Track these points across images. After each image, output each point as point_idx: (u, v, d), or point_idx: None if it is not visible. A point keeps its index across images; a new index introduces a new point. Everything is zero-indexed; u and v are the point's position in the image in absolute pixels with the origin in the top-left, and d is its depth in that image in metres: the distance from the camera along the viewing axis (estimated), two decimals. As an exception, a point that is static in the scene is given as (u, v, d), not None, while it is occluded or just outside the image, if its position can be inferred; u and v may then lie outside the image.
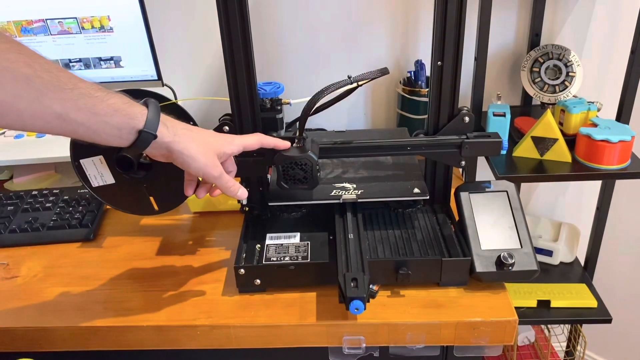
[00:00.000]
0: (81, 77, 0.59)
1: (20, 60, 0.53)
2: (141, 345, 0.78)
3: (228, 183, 0.71)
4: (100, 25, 1.05)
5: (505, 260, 0.76)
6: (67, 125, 0.58)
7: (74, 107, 0.57)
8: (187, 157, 0.66)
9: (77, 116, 0.58)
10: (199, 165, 0.67)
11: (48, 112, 0.56)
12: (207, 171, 0.68)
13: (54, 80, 0.56)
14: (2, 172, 1.19)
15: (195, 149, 0.66)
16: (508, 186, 0.86)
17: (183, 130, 0.67)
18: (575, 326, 1.39)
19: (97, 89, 0.60)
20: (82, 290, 0.84)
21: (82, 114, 0.58)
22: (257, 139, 0.76)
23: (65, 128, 0.58)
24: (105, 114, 0.59)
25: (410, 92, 1.17)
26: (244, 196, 0.74)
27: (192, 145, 0.66)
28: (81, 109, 0.58)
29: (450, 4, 0.75)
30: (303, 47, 1.21)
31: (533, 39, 1.17)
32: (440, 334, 0.75)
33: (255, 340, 0.77)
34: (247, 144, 0.74)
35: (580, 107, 1.02)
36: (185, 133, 0.67)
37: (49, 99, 0.55)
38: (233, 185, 0.72)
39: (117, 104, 0.61)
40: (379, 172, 0.91)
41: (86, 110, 0.58)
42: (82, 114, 0.58)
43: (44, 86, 0.55)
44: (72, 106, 0.57)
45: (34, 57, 0.55)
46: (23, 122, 0.56)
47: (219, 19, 0.75)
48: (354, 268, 0.74)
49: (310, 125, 0.97)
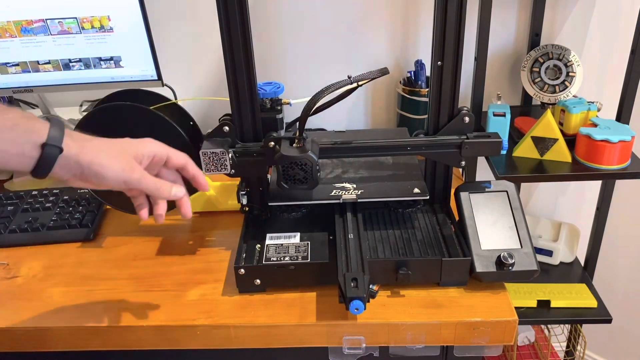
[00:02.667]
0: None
1: None
2: (141, 345, 0.78)
3: (155, 184, 0.65)
4: (100, 25, 1.05)
5: (505, 260, 0.76)
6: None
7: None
8: (99, 167, 0.60)
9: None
10: (114, 172, 0.61)
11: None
12: (125, 176, 0.62)
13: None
14: (2, 172, 1.19)
15: (105, 156, 0.61)
16: (508, 186, 0.86)
17: (90, 141, 0.61)
18: (575, 326, 1.39)
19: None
20: (82, 290, 0.84)
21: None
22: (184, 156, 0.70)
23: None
24: (2, 129, 0.54)
25: (410, 92, 1.17)
26: (179, 194, 0.68)
27: (101, 155, 0.60)
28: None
29: (450, 4, 0.75)
30: (303, 47, 1.21)
31: (533, 39, 1.17)
32: (440, 334, 0.75)
33: (255, 340, 0.77)
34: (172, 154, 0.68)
35: (580, 107, 1.02)
36: (92, 143, 0.61)
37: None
38: (161, 185, 0.66)
39: (16, 118, 0.55)
40: (379, 172, 0.91)
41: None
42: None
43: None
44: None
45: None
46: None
47: (219, 19, 0.75)
48: (354, 268, 0.74)
49: (310, 125, 0.97)
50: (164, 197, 0.67)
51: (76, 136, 0.60)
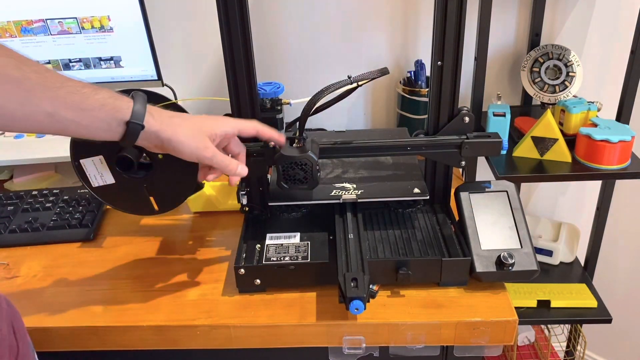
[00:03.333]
0: (69, 77, 0.61)
1: (9, 64, 0.56)
2: (141, 345, 0.78)
3: (224, 162, 0.71)
4: (100, 25, 1.05)
5: (505, 260, 0.76)
6: (58, 123, 0.60)
7: (63, 104, 0.59)
8: (177, 143, 0.66)
9: (66, 113, 0.59)
10: (189, 149, 0.67)
11: (39, 111, 0.58)
12: (199, 153, 0.68)
13: (41, 80, 0.57)
14: (2, 172, 1.19)
15: (183, 133, 0.67)
16: (508, 186, 0.86)
17: (170, 118, 0.68)
18: (575, 326, 1.39)
19: (84, 86, 0.61)
20: (82, 290, 0.84)
21: (71, 110, 0.59)
22: (253, 125, 0.75)
23: (56, 126, 0.60)
24: (92, 108, 0.61)
25: (410, 92, 1.17)
26: (243, 172, 0.74)
27: (180, 131, 0.67)
28: (70, 106, 0.59)
29: (450, 4, 0.75)
30: (303, 47, 1.21)
31: (533, 39, 1.17)
32: (440, 334, 0.75)
33: (255, 340, 0.77)
34: (242, 127, 0.74)
35: (580, 107, 1.02)
36: (172, 121, 0.67)
37: (39, 99, 0.57)
38: (229, 163, 0.72)
39: (104, 99, 0.62)
40: (379, 172, 0.91)
41: (74, 106, 0.59)
42: (70, 110, 0.59)
43: (33, 87, 0.57)
44: (61, 104, 0.59)
45: (23, 60, 0.57)
46: (16, 123, 0.58)
47: (219, 19, 0.75)
48: (354, 268, 0.74)
49: (310, 125, 0.97)
50: (231, 173, 0.73)
51: (157, 113, 0.66)
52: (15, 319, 0.63)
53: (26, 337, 0.64)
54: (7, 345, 0.59)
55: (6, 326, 0.60)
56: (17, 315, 0.64)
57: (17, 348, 0.61)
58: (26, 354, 0.62)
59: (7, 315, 0.61)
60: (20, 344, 0.61)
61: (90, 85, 0.62)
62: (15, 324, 0.62)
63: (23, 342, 0.62)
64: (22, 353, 0.61)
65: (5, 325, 0.60)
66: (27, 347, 0.63)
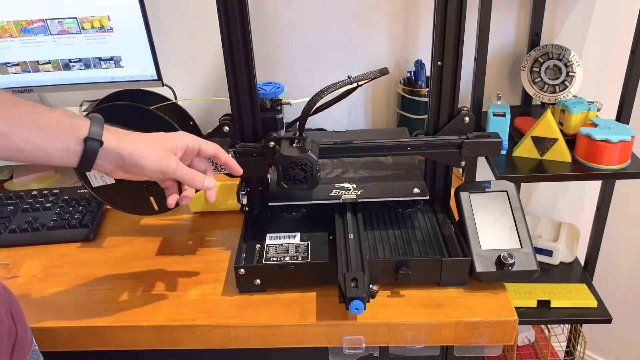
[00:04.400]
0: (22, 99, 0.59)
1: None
2: (141, 345, 0.78)
3: (189, 173, 0.69)
4: (100, 25, 1.05)
5: (505, 260, 0.76)
6: (12, 144, 0.57)
7: (18, 123, 0.57)
8: (138, 157, 0.65)
9: (21, 133, 0.57)
10: (152, 161, 0.65)
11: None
12: (163, 165, 0.66)
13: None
14: (2, 172, 1.19)
15: (144, 147, 0.65)
16: (508, 186, 0.86)
17: (128, 134, 0.66)
18: (575, 326, 1.39)
19: (38, 106, 0.60)
20: (82, 290, 0.84)
21: (27, 129, 0.57)
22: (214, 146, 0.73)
23: (10, 147, 0.57)
24: (49, 127, 0.59)
25: (410, 92, 1.17)
26: (211, 185, 0.72)
27: (140, 145, 0.65)
28: (25, 124, 0.57)
29: (450, 4, 0.75)
30: (303, 47, 1.21)
31: (533, 39, 1.17)
32: (440, 334, 0.75)
33: (255, 340, 0.77)
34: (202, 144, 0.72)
35: (580, 107, 1.02)
36: (131, 137, 0.66)
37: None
38: (195, 175, 0.70)
39: (59, 116, 0.60)
40: (379, 172, 0.91)
41: (30, 124, 0.58)
42: (26, 130, 0.57)
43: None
44: (15, 122, 0.57)
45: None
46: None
47: (219, 19, 0.75)
48: (354, 268, 0.74)
49: (310, 125, 0.97)
50: (198, 187, 0.71)
51: (114, 131, 0.65)
52: (12, 302, 0.63)
53: (24, 321, 0.64)
54: (5, 329, 0.59)
55: (4, 310, 0.60)
56: (14, 299, 0.63)
57: (15, 332, 0.61)
58: (25, 336, 0.62)
59: (5, 299, 0.61)
60: (18, 328, 0.61)
61: (43, 106, 0.61)
62: (12, 308, 0.62)
63: (21, 325, 0.62)
64: (20, 336, 0.61)
65: (3, 309, 0.60)
66: (25, 330, 0.63)
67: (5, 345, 0.58)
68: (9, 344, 0.59)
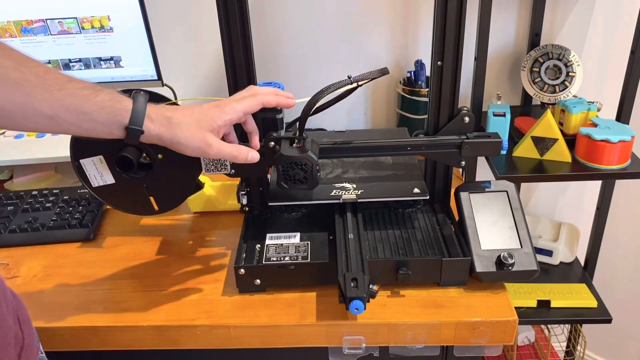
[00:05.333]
0: (71, 77, 0.60)
1: (10, 66, 0.56)
2: (141, 345, 0.78)
3: (232, 153, 0.70)
4: (100, 25, 1.05)
5: (505, 260, 0.76)
6: (59, 126, 0.60)
7: (62, 108, 0.59)
8: (178, 145, 0.67)
9: (66, 117, 0.59)
10: (192, 149, 0.67)
11: (38, 114, 0.58)
12: (203, 152, 0.68)
13: (41, 82, 0.57)
14: (2, 172, 1.19)
15: (182, 135, 0.66)
16: (508, 186, 0.86)
17: (169, 118, 0.66)
18: (575, 326, 1.39)
19: (84, 88, 0.61)
20: (82, 290, 0.84)
21: (70, 114, 0.59)
22: (257, 101, 0.72)
23: (57, 128, 0.60)
24: (92, 111, 0.61)
25: (410, 92, 1.17)
26: (255, 158, 0.73)
27: (179, 133, 0.66)
28: (69, 109, 0.59)
29: (450, 4, 0.75)
30: (303, 47, 1.21)
31: (533, 39, 1.17)
32: (440, 334, 0.75)
33: (255, 340, 0.77)
34: (247, 109, 0.72)
35: (580, 107, 1.02)
36: (171, 121, 0.66)
37: (38, 102, 0.57)
38: (238, 153, 0.71)
39: (103, 102, 0.62)
40: (379, 172, 0.91)
41: (74, 110, 0.60)
42: (70, 114, 0.59)
43: (33, 89, 0.57)
44: (60, 107, 0.59)
45: (23, 60, 0.57)
46: (15, 124, 0.58)
47: (219, 19, 0.75)
48: (354, 268, 0.74)
49: (310, 125, 0.97)
50: (241, 162, 0.72)
51: (156, 115, 0.65)
52: (20, 310, 0.63)
53: (31, 328, 0.64)
54: (12, 336, 0.59)
55: (12, 317, 0.60)
56: (22, 307, 0.64)
57: (22, 339, 0.61)
58: (31, 344, 0.62)
59: (13, 306, 0.61)
60: (25, 335, 0.61)
61: (91, 86, 0.62)
62: (20, 315, 0.62)
63: (28, 333, 0.62)
64: (27, 344, 0.61)
65: (10, 317, 0.60)
66: (32, 338, 0.63)
67: (11, 352, 0.58)
68: (16, 352, 0.59)
